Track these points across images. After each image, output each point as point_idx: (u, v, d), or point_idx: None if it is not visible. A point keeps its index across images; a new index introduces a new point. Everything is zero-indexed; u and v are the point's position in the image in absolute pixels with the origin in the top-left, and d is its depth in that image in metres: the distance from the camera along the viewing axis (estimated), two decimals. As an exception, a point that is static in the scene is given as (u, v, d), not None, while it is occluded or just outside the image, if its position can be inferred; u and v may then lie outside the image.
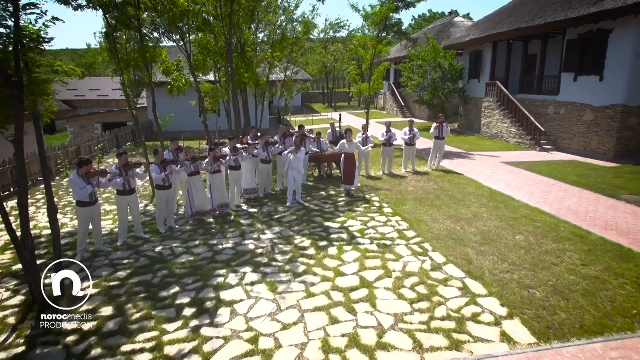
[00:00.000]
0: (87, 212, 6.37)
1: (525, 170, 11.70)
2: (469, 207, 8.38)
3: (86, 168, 6.24)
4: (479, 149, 15.51)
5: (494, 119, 18.00)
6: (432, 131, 11.89)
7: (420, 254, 6.21)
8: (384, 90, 34.57)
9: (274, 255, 6.37)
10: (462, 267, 5.71)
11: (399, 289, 5.20)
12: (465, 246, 6.42)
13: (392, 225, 7.52)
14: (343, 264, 5.99)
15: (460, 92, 20.86)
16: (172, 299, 5.16)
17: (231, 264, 6.13)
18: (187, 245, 6.90)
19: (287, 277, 5.64)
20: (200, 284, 5.53)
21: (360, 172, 11.63)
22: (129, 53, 9.22)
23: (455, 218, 7.73)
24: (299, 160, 8.84)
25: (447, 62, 20.26)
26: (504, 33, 16.85)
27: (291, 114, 32.49)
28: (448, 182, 10.49)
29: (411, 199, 9.07)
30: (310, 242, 6.82)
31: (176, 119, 14.45)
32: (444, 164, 12.62)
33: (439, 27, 29.14)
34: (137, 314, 4.87)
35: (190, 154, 7.91)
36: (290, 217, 8.15)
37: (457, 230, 7.10)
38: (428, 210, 8.21)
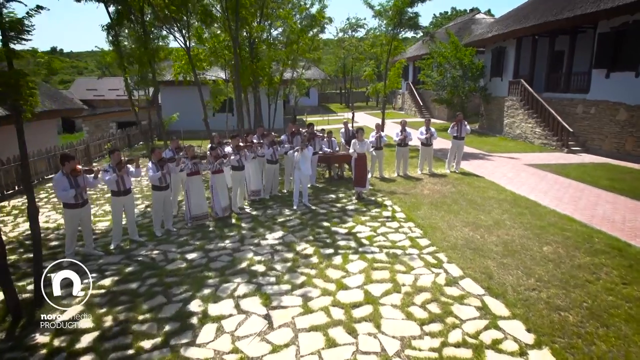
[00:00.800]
0: (74, 214, 5.98)
1: (552, 173, 10.84)
2: (490, 212, 7.66)
3: (69, 165, 5.84)
4: (500, 150, 14.64)
5: (517, 119, 17.04)
6: (450, 130, 11.17)
7: (433, 266, 5.56)
8: (402, 90, 33.73)
9: (272, 264, 5.84)
10: (481, 282, 5.04)
11: (408, 306, 4.58)
12: (485, 257, 5.74)
13: (403, 232, 6.89)
14: (347, 275, 5.41)
15: (482, 91, 19.94)
16: (156, 312, 4.68)
17: (225, 272, 5.63)
18: (182, 250, 6.44)
19: (284, 289, 5.10)
20: (188, 294, 5.05)
21: (374, 174, 11.02)
22: (133, 49, 8.92)
23: (474, 225, 7.03)
24: (305, 159, 8.29)
25: (467, 59, 19.36)
26: (529, 28, 15.91)
27: (307, 113, 32.01)
28: (467, 185, 9.76)
29: (426, 203, 8.40)
30: (313, 250, 6.26)
31: (187, 118, 14.15)
32: (463, 165, 11.86)
33: (459, 24, 28.15)
34: (116, 327, 4.41)
35: (189, 153, 7.47)
36: (295, 221, 7.62)
37: (475, 239, 6.41)
38: (444, 216, 7.54)
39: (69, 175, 5.87)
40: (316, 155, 10.22)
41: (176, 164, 7.17)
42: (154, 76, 9.20)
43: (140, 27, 8.70)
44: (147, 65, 9.01)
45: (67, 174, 5.86)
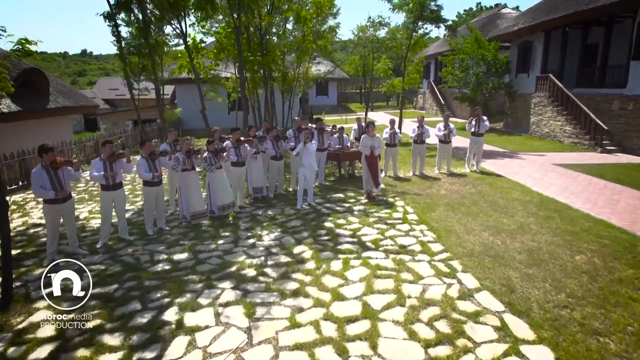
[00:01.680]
0: (55, 210, 5.57)
1: (584, 173, 9.85)
2: (513, 215, 6.86)
3: (48, 157, 5.42)
4: (526, 149, 13.62)
5: (545, 117, 15.93)
6: (467, 126, 10.35)
7: (445, 275, 4.85)
8: (424, 89, 32.70)
9: (264, 268, 5.26)
10: (501, 297, 4.30)
11: (412, 323, 3.91)
12: (506, 266, 4.98)
13: (414, 235, 6.18)
14: (345, 283, 4.77)
15: (506, 88, 18.84)
16: (127, 320, 4.17)
17: (211, 276, 5.08)
18: (170, 251, 5.95)
19: (272, 297, 4.50)
20: (166, 300, 4.52)
21: (388, 173, 10.32)
22: (133, 37, 8.55)
23: (494, 229, 6.26)
24: (309, 154, 7.69)
25: (489, 54, 18.26)
26: (559, 19, 14.82)
27: (325, 113, 31.44)
28: (488, 185, 8.93)
29: (442, 204, 7.66)
30: (311, 253, 5.65)
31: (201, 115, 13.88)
32: (484, 165, 10.99)
33: (484, 19, 26.97)
34: (79, 337, 3.92)
35: (184, 147, 7.00)
36: (296, 222, 7.02)
37: (496, 245, 5.65)
38: (461, 219, 6.78)
39: (48, 168, 5.46)
40: (325, 152, 9.61)
41: (168, 158, 6.70)
42: (154, 69, 8.77)
43: (140, 13, 8.31)
44: (147, 57, 8.59)
45: (47, 166, 5.47)
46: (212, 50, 11.47)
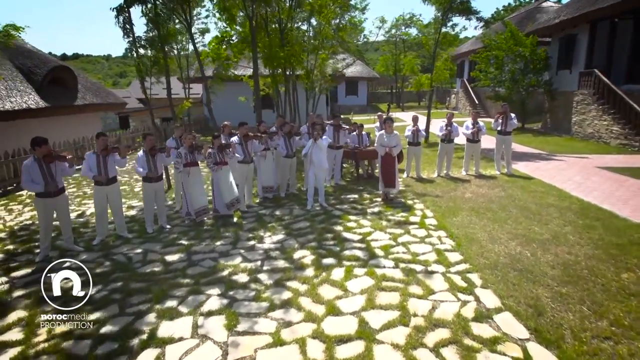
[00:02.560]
0: (46, 204, 5.34)
1: (634, 178, 8.74)
2: (547, 223, 6.03)
3: (41, 150, 5.21)
4: (566, 150, 12.45)
5: (588, 116, 14.60)
6: (493, 124, 9.49)
7: (461, 290, 4.18)
8: (457, 88, 31.39)
9: (258, 274, 4.78)
10: (526, 320, 3.60)
11: (414, 348, 3.30)
12: (535, 283, 4.25)
13: (430, 242, 5.52)
14: (344, 295, 4.21)
15: (546, 86, 17.51)
16: (99, 326, 3.81)
17: (200, 280, 4.66)
18: (165, 251, 5.60)
19: (260, 308, 4.02)
20: (146, 306, 4.14)
21: (410, 173, 9.63)
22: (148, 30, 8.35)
23: (524, 238, 5.49)
24: (320, 151, 7.17)
25: (526, 50, 16.95)
26: (607, 8, 13.49)
27: (354, 113, 30.83)
28: (520, 188, 8.06)
29: (466, 208, 6.92)
30: (313, 259, 5.12)
31: (231, 113, 13.75)
32: (517, 167, 10.07)
33: (522, 14, 25.45)
34: (44, 343, 3.59)
35: (187, 142, 6.67)
36: (303, 223, 6.52)
37: (524, 257, 4.90)
38: (486, 225, 6.04)
39: (40, 162, 5.25)
40: (341, 150, 9.06)
41: (166, 155, 6.38)
42: (166, 62, 8.53)
43: (152, 7, 8.09)
44: (160, 49, 8.37)
45: (40, 159, 5.25)
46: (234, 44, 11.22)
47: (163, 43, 8.40)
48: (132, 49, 8.17)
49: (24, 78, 13.35)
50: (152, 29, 8.32)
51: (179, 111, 9.11)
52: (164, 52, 8.51)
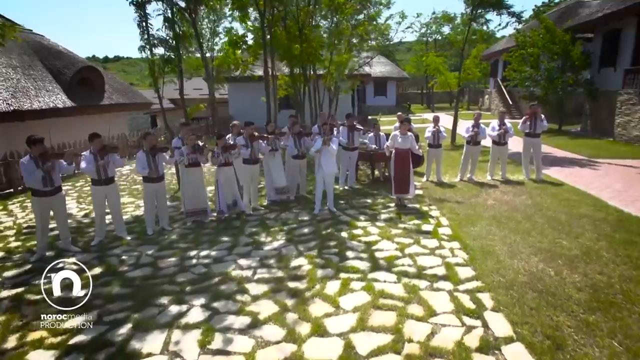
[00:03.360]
0: (42, 203, 5.25)
1: (685, 187, 7.78)
2: (578, 237, 5.36)
3: (37, 148, 5.12)
4: (607, 154, 11.41)
5: (634, 118, 13.37)
6: (521, 126, 8.72)
7: (468, 313, 3.67)
8: (490, 89, 30.06)
9: (248, 283, 4.46)
10: (541, 355, 3.06)
11: (404, 382, 2.85)
12: (556, 308, 3.67)
13: (441, 254, 5.00)
14: (335, 312, 3.80)
15: (586, 85, 16.27)
16: (68, 337, 3.58)
17: (186, 288, 4.39)
18: (160, 254, 5.39)
19: (241, 323, 3.68)
20: (124, 314, 3.90)
21: (430, 177, 9.05)
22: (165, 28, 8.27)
23: (548, 253, 4.86)
24: (329, 155, 6.78)
25: (561, 45, 15.71)
26: (658, 0, 12.30)
27: (382, 114, 30.17)
28: (550, 196, 7.33)
29: (486, 216, 6.32)
30: (309, 269, 4.74)
31: (252, 113, 13.68)
32: (549, 172, 9.26)
33: (562, 9, 23.91)
34: (10, 352, 3.41)
35: (190, 141, 6.46)
36: (308, 229, 6.15)
37: (547, 276, 4.30)
38: (507, 237, 5.44)
39: (37, 160, 5.17)
40: (356, 151, 8.62)
41: (170, 155, 6.20)
42: (180, 60, 8.41)
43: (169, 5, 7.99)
44: (174, 48, 8.26)
45: (36, 157, 5.17)
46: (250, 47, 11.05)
47: (177, 42, 8.27)
48: (146, 47, 8.08)
49: (53, 78, 13.77)
50: (169, 28, 8.22)
51: (191, 113, 8.99)
52: (178, 52, 8.39)
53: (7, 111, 11.19)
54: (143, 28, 8.11)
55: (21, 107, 11.58)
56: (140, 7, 8.03)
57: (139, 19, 8.08)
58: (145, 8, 8.07)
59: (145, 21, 8.09)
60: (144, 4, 8.01)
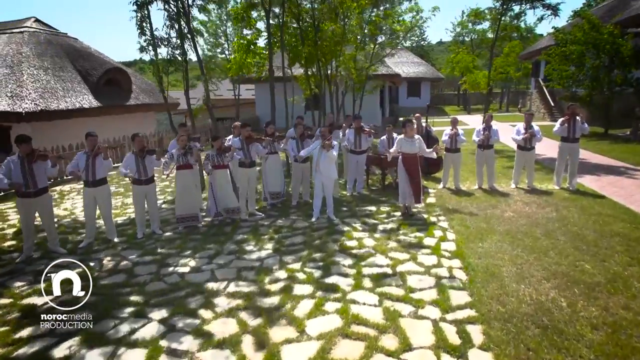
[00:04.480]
0: (25, 204, 5.18)
1: None
2: (605, 260, 4.59)
3: (23, 147, 5.05)
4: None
5: (692, 121, 11.87)
6: (556, 129, 7.81)
7: (449, 350, 3.11)
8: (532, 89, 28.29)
9: (216, 297, 4.11)
10: (528, 413, 2.47)
11: None
12: (561, 351, 3.04)
13: (437, 274, 4.43)
14: (297, 338, 3.36)
15: (637, 85, 14.72)
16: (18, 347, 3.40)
17: (152, 299, 4.12)
18: (139, 261, 5.18)
19: (192, 344, 3.33)
20: (76, 327, 3.66)
21: (447, 184, 8.38)
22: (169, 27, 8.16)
23: (565, 278, 4.16)
24: (329, 161, 6.34)
25: (606, 41, 14.20)
26: None
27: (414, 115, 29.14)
28: (579, 209, 6.48)
29: (500, 231, 5.63)
30: (284, 285, 4.33)
31: (279, 114, 13.52)
32: (584, 181, 8.30)
33: (613, 2, 22.00)
34: (-46, 362, 3.26)
35: (181, 143, 6.25)
36: (299, 238, 5.74)
37: (557, 307, 3.64)
38: (518, 256, 4.77)
39: (24, 160, 5.10)
40: (363, 155, 8.11)
41: (156, 158, 5.99)
42: (185, 60, 8.27)
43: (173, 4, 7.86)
44: (179, 47, 8.13)
45: (23, 157, 5.11)
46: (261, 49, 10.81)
47: (182, 41, 8.14)
48: (149, 47, 7.99)
49: (82, 79, 14.22)
50: (171, 27, 8.10)
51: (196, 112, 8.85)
52: (183, 51, 8.26)
53: (35, 111, 11.63)
54: (143, 28, 8.01)
55: (48, 107, 12.00)
56: (142, 7, 7.92)
57: (140, 20, 7.97)
58: (148, 8, 7.96)
59: (149, 22, 7.99)
60: (146, 4, 7.90)
